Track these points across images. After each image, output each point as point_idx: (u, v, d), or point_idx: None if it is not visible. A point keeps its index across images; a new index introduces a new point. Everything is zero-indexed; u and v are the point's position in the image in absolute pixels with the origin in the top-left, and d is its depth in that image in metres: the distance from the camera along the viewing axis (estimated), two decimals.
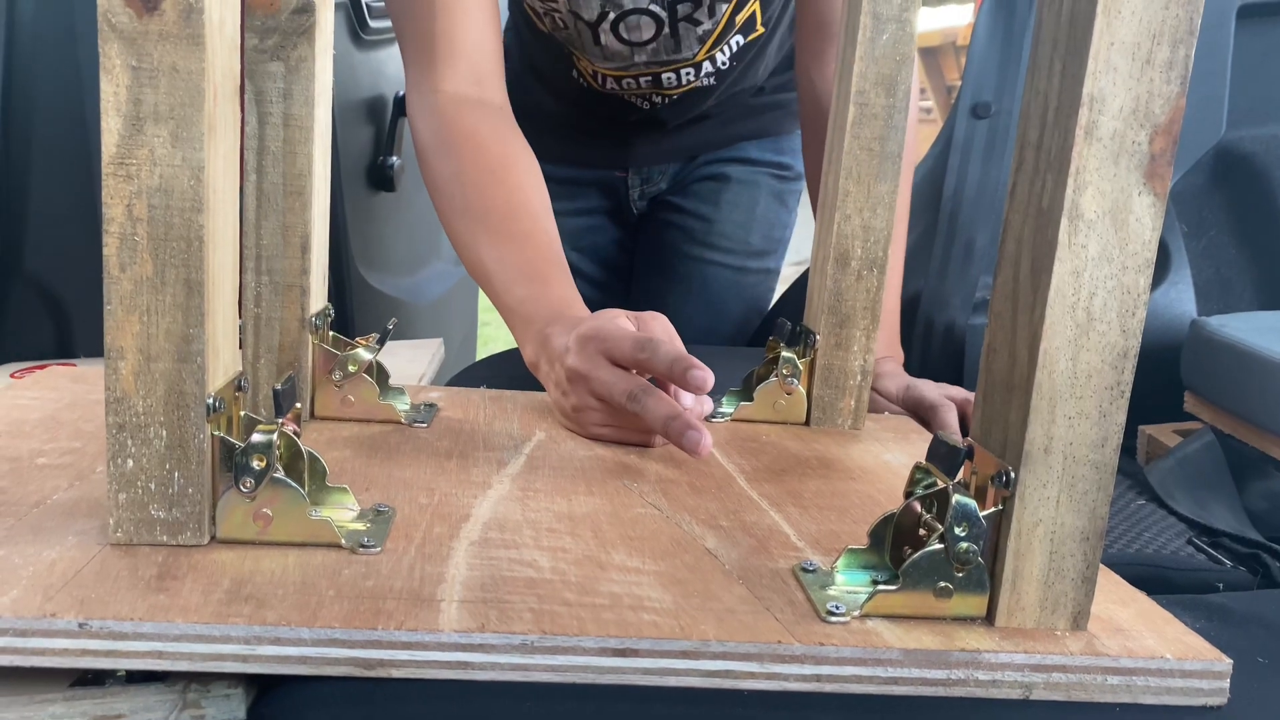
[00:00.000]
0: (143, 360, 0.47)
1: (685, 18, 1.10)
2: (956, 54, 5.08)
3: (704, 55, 1.15)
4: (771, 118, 1.30)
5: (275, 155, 0.68)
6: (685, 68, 1.16)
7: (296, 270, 0.69)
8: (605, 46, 1.12)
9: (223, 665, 0.43)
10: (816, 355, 0.80)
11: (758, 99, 1.29)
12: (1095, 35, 0.42)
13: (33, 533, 0.50)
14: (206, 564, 0.48)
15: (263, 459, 0.49)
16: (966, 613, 0.48)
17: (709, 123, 1.28)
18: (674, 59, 1.15)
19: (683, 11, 1.09)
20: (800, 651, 0.44)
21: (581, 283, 1.40)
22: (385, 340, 0.75)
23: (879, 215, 0.78)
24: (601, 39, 1.11)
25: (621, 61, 1.15)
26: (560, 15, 1.11)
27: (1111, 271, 0.44)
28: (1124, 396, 0.46)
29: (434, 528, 0.54)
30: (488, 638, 0.43)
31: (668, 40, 1.12)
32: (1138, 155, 0.43)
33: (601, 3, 1.08)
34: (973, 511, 0.47)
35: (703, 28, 1.12)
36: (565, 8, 1.09)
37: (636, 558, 0.52)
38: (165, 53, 0.45)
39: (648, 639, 0.44)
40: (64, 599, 0.43)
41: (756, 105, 1.29)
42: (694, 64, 1.16)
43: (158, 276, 0.47)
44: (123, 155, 0.46)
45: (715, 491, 0.64)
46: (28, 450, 0.62)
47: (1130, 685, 0.46)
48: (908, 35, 0.76)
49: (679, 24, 1.10)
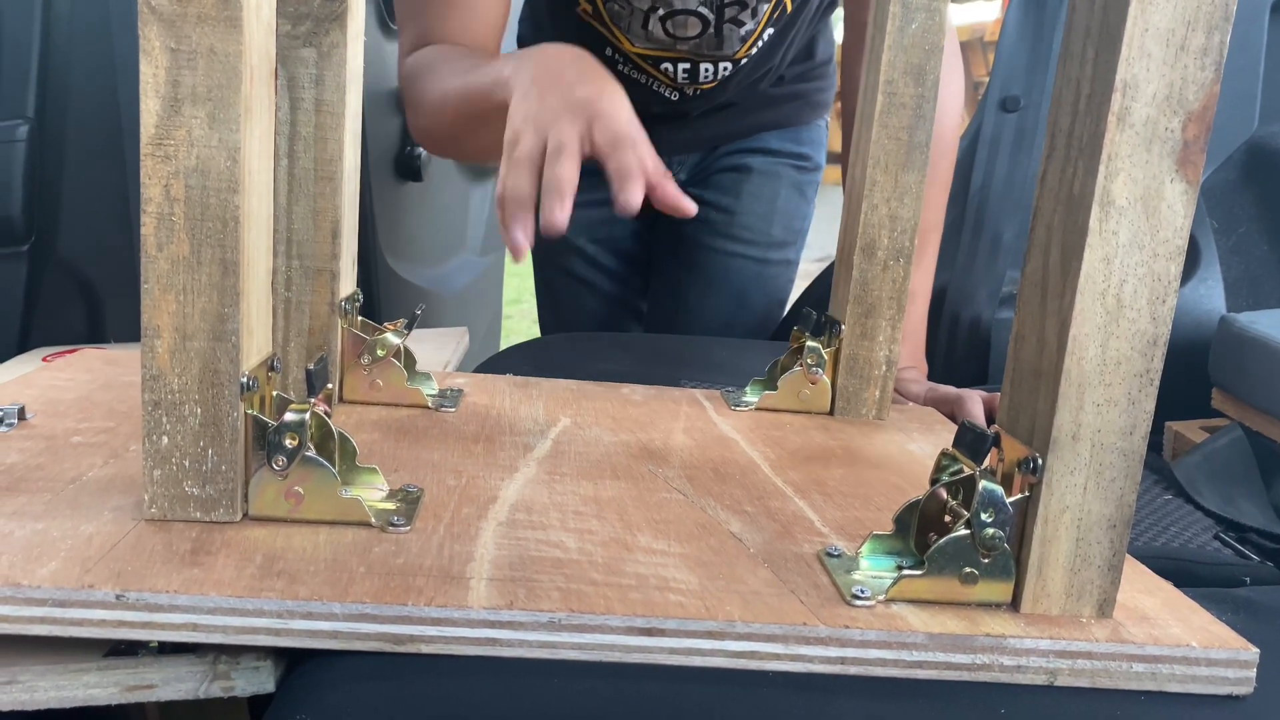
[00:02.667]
0: (178, 338, 0.48)
1: (731, 19, 1.10)
2: (984, 50, 5.05)
3: (744, 53, 1.16)
4: (792, 108, 1.30)
5: (307, 140, 0.68)
6: (724, 62, 1.17)
7: (327, 255, 0.70)
8: (650, 33, 1.13)
9: (256, 639, 0.43)
10: (841, 345, 0.81)
11: (778, 89, 1.28)
12: (1129, 21, 0.42)
13: (70, 508, 0.51)
14: (239, 540, 0.49)
15: (295, 438, 0.50)
16: (992, 598, 0.48)
17: (730, 111, 1.27)
18: (714, 54, 1.15)
19: (729, 14, 1.09)
20: (825, 634, 0.45)
21: (599, 274, 1.41)
22: (413, 325, 0.76)
23: (906, 205, 0.78)
24: (649, 25, 1.12)
25: (662, 46, 1.15)
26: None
27: (1142, 258, 0.44)
28: (1153, 384, 0.46)
29: (462, 508, 0.55)
30: (516, 615, 0.44)
31: (711, 39, 1.13)
32: (1170, 142, 0.43)
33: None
34: (999, 498, 0.47)
35: (745, 28, 1.12)
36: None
37: (662, 540, 0.53)
38: (203, 35, 0.46)
39: (674, 619, 0.44)
40: (101, 571, 0.44)
41: (777, 95, 1.29)
42: (732, 59, 1.16)
43: (194, 256, 0.48)
44: (161, 136, 0.46)
45: (739, 478, 0.64)
46: (63, 429, 0.63)
47: (1155, 673, 0.46)
48: (937, 24, 0.76)
49: (724, 25, 1.11)
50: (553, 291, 1.45)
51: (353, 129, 0.70)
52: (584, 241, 1.38)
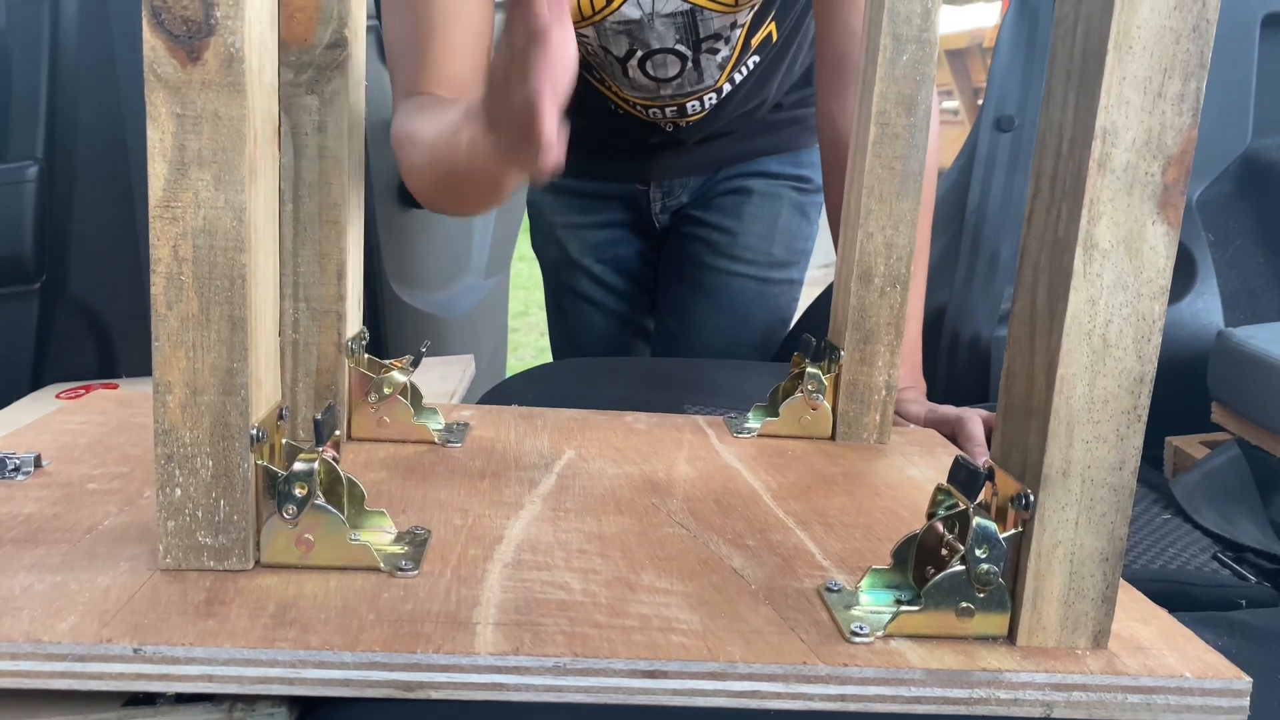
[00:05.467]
0: (189, 394, 0.50)
1: (707, 49, 1.12)
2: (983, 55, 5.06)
3: (724, 80, 1.17)
4: (790, 133, 1.32)
5: (311, 186, 0.70)
6: (708, 94, 1.19)
7: (333, 296, 0.71)
8: (633, 79, 1.15)
9: (270, 688, 0.45)
10: (841, 371, 0.82)
11: (776, 115, 1.30)
12: (1107, 70, 0.43)
13: (87, 558, 0.52)
14: (252, 588, 0.50)
15: (304, 486, 0.51)
16: (988, 632, 0.49)
17: (728, 139, 1.29)
18: (697, 89, 1.17)
19: (705, 45, 1.11)
20: (825, 672, 0.46)
21: (606, 293, 1.43)
22: (419, 362, 0.77)
23: (901, 232, 0.79)
24: (630, 73, 1.14)
25: (648, 93, 1.17)
26: (590, 46, 1.13)
27: (1127, 299, 0.45)
28: (1141, 420, 0.47)
29: (468, 550, 0.56)
30: (522, 660, 0.45)
31: (691, 74, 1.14)
32: (1151, 186, 0.44)
33: (630, 41, 1.10)
34: (993, 534, 0.48)
35: (721, 55, 1.14)
36: (595, 41, 1.11)
37: (665, 578, 0.54)
38: (208, 100, 0.47)
39: (676, 660, 0.45)
40: (119, 625, 0.45)
41: (774, 121, 1.31)
42: (715, 89, 1.18)
43: (203, 314, 0.49)
44: (169, 199, 0.48)
45: (742, 510, 0.65)
46: (78, 475, 0.64)
47: (1150, 704, 0.47)
48: (928, 55, 0.77)
49: (701, 56, 1.13)
50: (561, 310, 1.48)
51: (355, 172, 0.71)
52: (590, 262, 1.40)
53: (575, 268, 1.42)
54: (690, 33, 1.10)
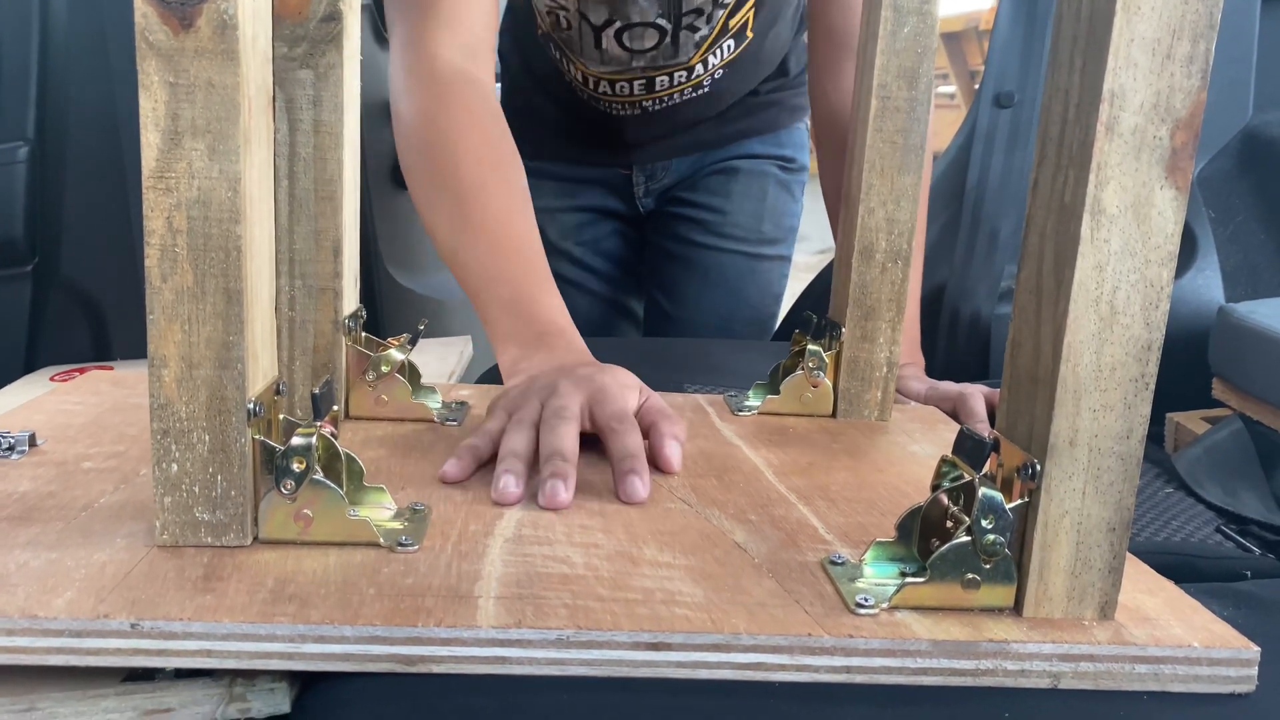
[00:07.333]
0: (185, 368, 0.49)
1: (687, 26, 1.11)
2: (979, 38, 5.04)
3: (698, 59, 1.17)
4: (770, 114, 1.33)
5: (306, 161, 0.69)
6: (679, 70, 1.18)
7: (329, 274, 0.71)
8: (605, 50, 1.14)
9: (269, 663, 0.44)
10: (842, 348, 0.81)
11: (754, 98, 1.31)
12: (1115, 32, 0.42)
13: (83, 535, 0.51)
14: (250, 564, 0.49)
15: (302, 461, 0.51)
16: (994, 603, 0.48)
17: (707, 124, 1.30)
18: (670, 64, 1.16)
19: (686, 21, 1.10)
20: (830, 644, 0.45)
21: (589, 275, 1.43)
22: (417, 341, 0.76)
23: (902, 208, 0.79)
24: (604, 43, 1.13)
25: (618, 65, 1.16)
26: (567, 15, 1.12)
27: (1134, 265, 0.45)
28: (1148, 389, 0.46)
29: (469, 525, 0.55)
30: (524, 633, 0.45)
31: (667, 48, 1.14)
32: (1159, 150, 0.44)
33: (609, 10, 1.09)
34: (999, 504, 0.47)
35: (700, 33, 1.13)
36: (574, 7, 1.10)
37: (667, 552, 0.53)
38: (201, 68, 0.46)
39: (680, 633, 0.45)
40: (116, 600, 0.45)
41: (754, 104, 1.32)
42: (687, 67, 1.18)
43: (198, 286, 0.48)
44: (162, 169, 0.47)
45: (744, 486, 0.65)
46: (74, 454, 0.63)
47: (1158, 674, 0.46)
48: (929, 27, 0.76)
49: (680, 32, 1.12)
50: None
51: (351, 148, 0.71)
52: (569, 244, 1.40)
53: (556, 251, 1.41)
54: (674, 5, 1.09)
